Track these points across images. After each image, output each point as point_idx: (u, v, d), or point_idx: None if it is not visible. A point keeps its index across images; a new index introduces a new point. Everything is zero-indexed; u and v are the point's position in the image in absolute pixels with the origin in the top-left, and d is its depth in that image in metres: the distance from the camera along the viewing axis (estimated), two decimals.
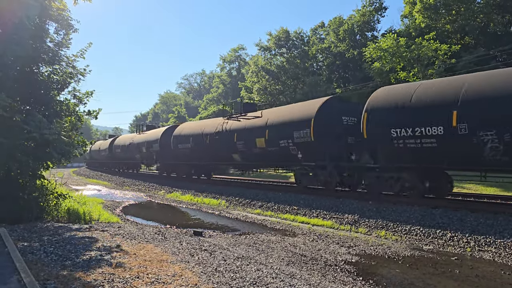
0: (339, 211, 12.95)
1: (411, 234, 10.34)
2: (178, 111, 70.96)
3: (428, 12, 32.29)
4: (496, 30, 30.97)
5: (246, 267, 6.48)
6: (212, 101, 66.33)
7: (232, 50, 70.07)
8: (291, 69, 44.35)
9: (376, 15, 41.54)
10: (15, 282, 4.90)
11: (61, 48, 10.58)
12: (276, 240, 9.69)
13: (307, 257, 7.87)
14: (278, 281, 5.74)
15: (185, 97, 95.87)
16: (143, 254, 6.88)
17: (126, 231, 9.22)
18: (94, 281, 5.22)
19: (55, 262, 6.09)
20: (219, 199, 18.13)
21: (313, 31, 48.59)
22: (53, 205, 10.81)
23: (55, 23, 10.42)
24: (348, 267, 7.32)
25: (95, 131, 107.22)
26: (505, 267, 7.64)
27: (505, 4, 30.24)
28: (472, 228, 9.71)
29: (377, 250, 8.87)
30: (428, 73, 25.88)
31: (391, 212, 11.79)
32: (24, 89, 9.86)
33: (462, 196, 14.08)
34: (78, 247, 7.16)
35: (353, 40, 41.74)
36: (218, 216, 14.69)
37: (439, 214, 10.82)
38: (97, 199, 17.87)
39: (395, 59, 27.18)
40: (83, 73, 10.94)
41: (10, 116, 8.77)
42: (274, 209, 14.95)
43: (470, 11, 30.92)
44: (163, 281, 5.37)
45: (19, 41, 9.11)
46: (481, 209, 10.77)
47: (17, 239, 7.57)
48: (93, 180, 36.50)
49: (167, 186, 24.90)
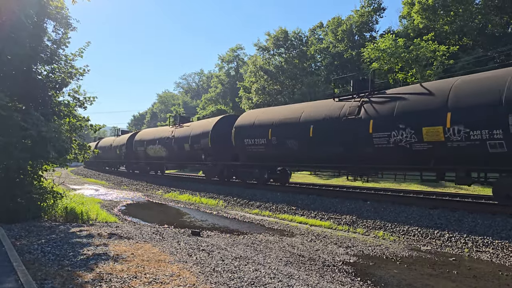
0: (337, 212, 12.96)
1: (409, 235, 10.35)
2: (176, 110, 70.83)
3: (427, 13, 32.37)
4: (494, 31, 31.09)
5: (244, 267, 6.47)
6: (210, 101, 66.22)
7: (230, 50, 70.03)
8: (289, 69, 44.35)
9: (375, 16, 41.62)
10: (12, 282, 4.88)
11: (60, 47, 10.53)
12: (274, 240, 9.68)
13: (305, 257, 7.87)
14: (276, 281, 5.73)
15: (183, 97, 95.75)
16: (141, 254, 6.85)
17: (124, 231, 9.19)
18: (91, 280, 5.20)
19: (52, 261, 6.06)
20: (217, 199, 18.11)
21: (311, 31, 48.64)
22: (50, 205, 10.76)
23: (53, 21, 10.37)
24: (346, 267, 7.32)
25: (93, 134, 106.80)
26: (503, 267, 7.66)
27: (503, 6, 30.35)
28: (470, 228, 9.73)
29: (375, 250, 8.87)
30: (426, 74, 25.93)
31: (389, 212, 11.81)
32: (22, 88, 9.81)
33: (459, 197, 14.11)
34: (75, 246, 7.13)
35: (352, 40, 41.80)
36: (216, 216, 14.68)
37: (437, 214, 10.84)
38: (95, 199, 17.82)
39: (394, 59, 27.23)
40: (82, 73, 10.88)
41: (8, 115, 8.72)
42: (272, 209, 14.95)
43: (468, 12, 31.01)
44: (161, 281, 5.35)
45: (17, 40, 9.07)
46: (479, 210, 10.79)
47: (15, 238, 7.53)
48: (91, 179, 36.41)
49: (165, 186, 24.87)
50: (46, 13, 9.99)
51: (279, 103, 38.65)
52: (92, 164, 49.62)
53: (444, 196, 14.38)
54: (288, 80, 44.52)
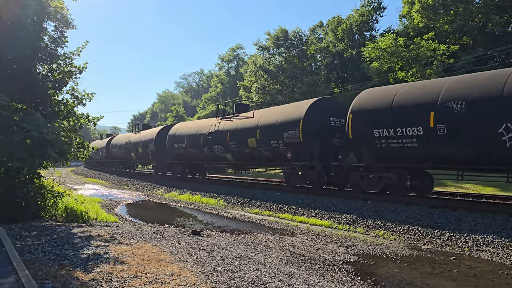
0: (337, 211, 12.96)
1: (409, 234, 10.35)
2: (177, 110, 70.83)
3: (427, 12, 32.37)
4: (494, 30, 31.07)
5: (244, 266, 6.47)
6: (210, 100, 66.21)
7: (230, 49, 70.11)
8: (289, 69, 44.34)
9: (375, 15, 41.59)
10: (12, 282, 4.88)
11: (59, 45, 10.51)
12: (275, 239, 9.68)
13: (306, 256, 7.87)
14: (277, 281, 5.73)
15: (183, 97, 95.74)
16: (141, 254, 6.85)
17: (124, 231, 9.19)
18: (92, 280, 5.20)
19: (53, 261, 6.06)
20: (217, 199, 18.11)
21: (311, 30, 48.58)
22: (51, 204, 10.76)
23: (53, 21, 10.36)
24: (346, 266, 7.32)
25: (93, 130, 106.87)
26: (503, 266, 7.66)
27: (503, 5, 30.31)
28: (470, 227, 9.72)
29: (375, 249, 8.87)
30: (427, 73, 25.93)
31: (390, 211, 11.80)
32: (22, 88, 9.80)
33: (460, 196, 14.11)
34: (76, 246, 7.13)
35: (352, 39, 41.77)
36: (217, 215, 14.68)
37: (438, 213, 10.84)
38: (95, 198, 17.82)
39: (394, 59, 27.24)
40: (81, 69, 10.88)
41: (8, 115, 8.71)
42: (273, 209, 14.94)
43: (468, 11, 30.98)
44: (161, 280, 5.35)
45: (17, 40, 9.06)
46: (479, 209, 10.80)
47: (15, 238, 7.53)
48: (91, 179, 36.42)
49: (165, 185, 24.86)
50: (45, 13, 9.97)
51: (279, 103, 38.67)
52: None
53: (445, 195, 14.39)
54: (288, 79, 44.52)
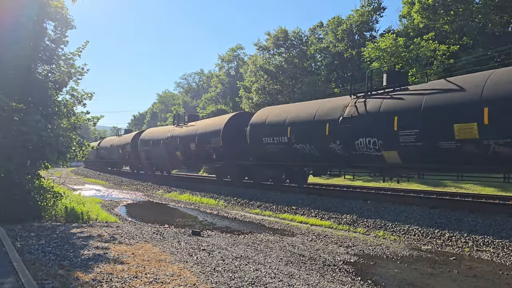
0: (337, 211, 12.96)
1: (409, 234, 10.34)
2: (177, 110, 70.79)
3: (427, 12, 32.32)
4: (494, 31, 31.04)
5: (244, 267, 6.47)
6: (210, 100, 66.15)
7: (230, 49, 69.94)
8: (289, 69, 44.30)
9: (375, 15, 41.56)
10: (13, 282, 4.88)
11: (59, 46, 10.51)
12: (275, 240, 9.68)
13: (306, 257, 7.87)
14: (277, 281, 5.73)
15: (183, 97, 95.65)
16: (141, 254, 6.85)
17: (124, 231, 9.19)
18: (92, 280, 5.20)
19: (53, 261, 6.06)
20: (218, 199, 18.10)
21: (311, 31, 48.53)
22: (51, 205, 10.76)
23: (53, 21, 10.36)
24: (346, 267, 7.32)
25: (93, 130, 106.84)
26: (503, 267, 7.66)
27: (503, 5, 30.30)
28: (471, 228, 9.72)
29: (375, 250, 8.87)
30: (427, 73, 25.91)
31: (390, 212, 11.80)
32: (22, 88, 9.79)
33: (460, 196, 14.10)
34: (76, 246, 7.13)
35: (352, 40, 41.74)
36: (217, 215, 14.67)
37: (438, 214, 10.84)
38: (95, 199, 17.82)
39: (394, 59, 27.21)
40: (82, 72, 10.86)
41: (8, 116, 8.71)
42: (273, 209, 14.94)
43: (468, 11, 30.96)
44: (162, 280, 5.35)
45: (17, 40, 9.06)
46: (480, 209, 10.79)
47: (15, 238, 7.53)
48: (91, 179, 36.42)
49: (165, 185, 24.86)
50: (46, 13, 9.98)
51: (279, 103, 38.62)
52: (94, 164, 49.62)
53: (445, 195, 14.38)
54: (288, 79, 44.48)
